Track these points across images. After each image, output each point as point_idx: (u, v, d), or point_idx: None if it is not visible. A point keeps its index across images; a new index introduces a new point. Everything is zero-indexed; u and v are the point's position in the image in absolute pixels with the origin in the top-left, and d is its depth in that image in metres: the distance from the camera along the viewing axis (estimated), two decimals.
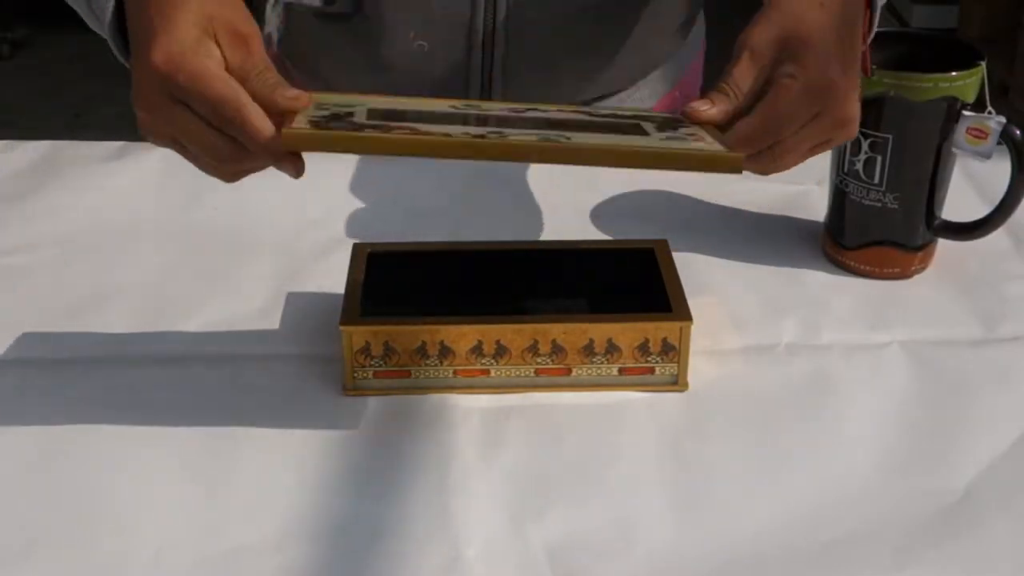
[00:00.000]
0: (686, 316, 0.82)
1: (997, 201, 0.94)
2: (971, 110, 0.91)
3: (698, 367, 0.85)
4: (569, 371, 0.83)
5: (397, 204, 1.06)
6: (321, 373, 0.85)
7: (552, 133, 0.68)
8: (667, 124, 0.76)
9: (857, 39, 0.78)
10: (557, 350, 0.82)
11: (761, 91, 0.76)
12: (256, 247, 0.99)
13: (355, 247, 0.89)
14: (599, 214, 1.03)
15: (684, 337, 0.82)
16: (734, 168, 0.67)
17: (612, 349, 0.82)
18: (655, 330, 0.82)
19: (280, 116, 0.68)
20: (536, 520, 0.73)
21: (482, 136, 0.64)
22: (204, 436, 0.79)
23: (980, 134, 0.91)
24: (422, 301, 0.87)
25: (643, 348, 0.82)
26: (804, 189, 1.08)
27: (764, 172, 0.77)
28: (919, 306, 0.94)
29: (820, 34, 0.75)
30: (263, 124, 0.66)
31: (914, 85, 0.90)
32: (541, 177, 1.09)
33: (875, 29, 0.82)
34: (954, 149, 0.92)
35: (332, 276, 0.95)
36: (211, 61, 0.67)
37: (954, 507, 0.74)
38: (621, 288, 0.89)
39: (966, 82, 0.91)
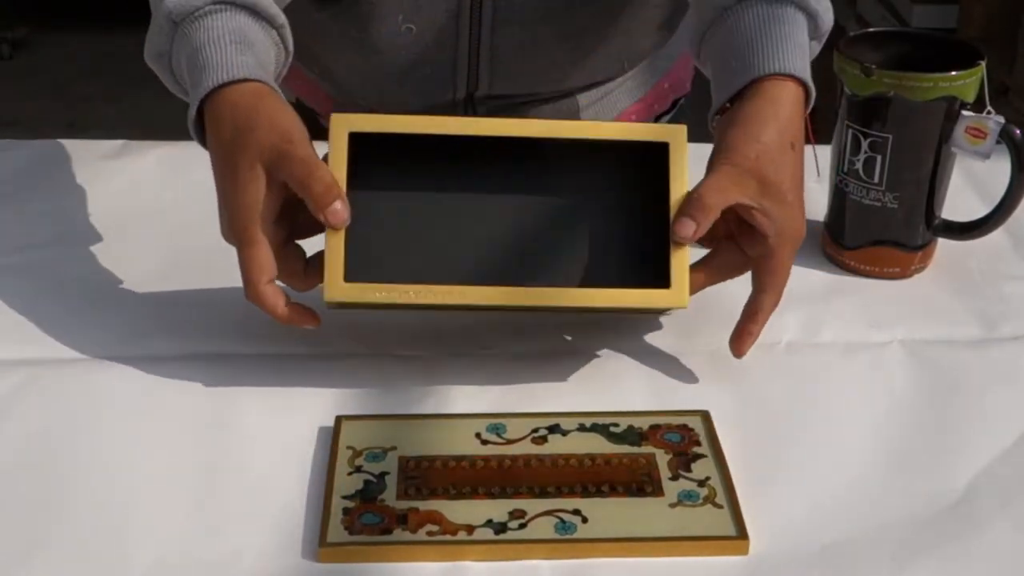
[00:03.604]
0: (682, 301, 0.81)
1: (997, 201, 0.94)
2: (971, 110, 0.91)
3: (697, 366, 0.86)
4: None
5: None
6: (322, 374, 0.84)
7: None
8: (680, 460, 0.76)
9: (803, 164, 0.86)
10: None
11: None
12: None
13: (335, 119, 0.82)
14: None
15: (681, 256, 0.81)
16: (740, 552, 0.70)
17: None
18: (652, 298, 0.81)
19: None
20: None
21: (503, 529, 0.71)
22: (204, 436, 0.79)
23: (979, 134, 0.91)
24: (410, 252, 0.83)
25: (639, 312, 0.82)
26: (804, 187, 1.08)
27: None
28: (919, 306, 0.94)
29: (793, 185, 0.84)
30: (277, 312, 0.80)
31: (914, 85, 0.90)
32: None
33: (812, 102, 0.89)
34: (953, 148, 0.92)
35: None
36: (262, 235, 0.79)
37: (954, 507, 0.74)
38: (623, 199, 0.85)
39: (966, 82, 0.91)
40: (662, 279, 0.81)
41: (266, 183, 0.79)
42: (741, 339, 0.85)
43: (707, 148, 0.85)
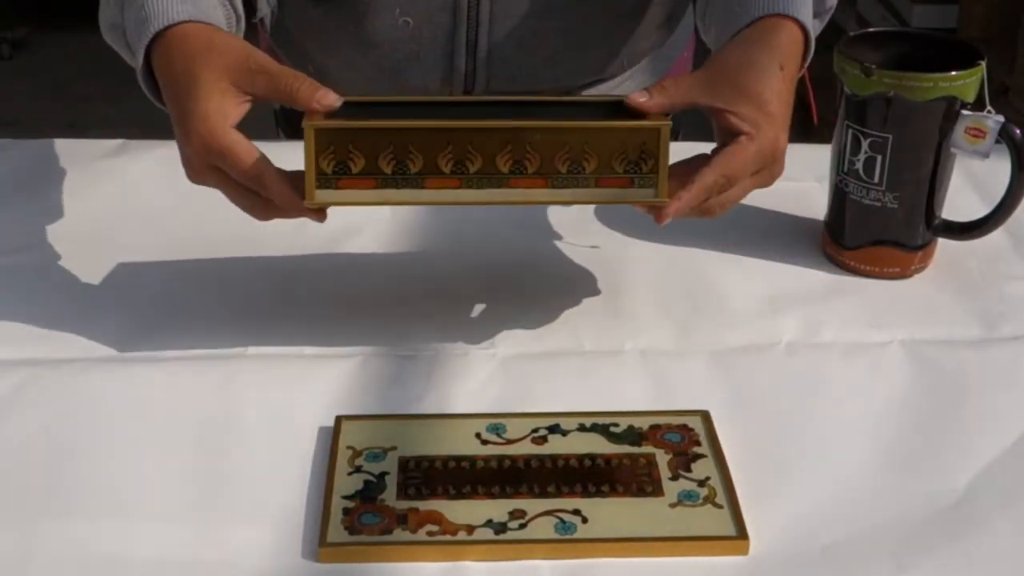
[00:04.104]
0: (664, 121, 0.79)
1: (997, 201, 0.94)
2: (971, 110, 0.91)
3: (697, 367, 0.86)
4: (545, 183, 0.79)
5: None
6: (322, 374, 0.84)
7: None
8: (680, 460, 0.76)
9: (793, 94, 0.84)
10: (533, 150, 0.78)
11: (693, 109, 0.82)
12: (257, 244, 0.99)
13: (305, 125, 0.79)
14: (599, 212, 1.03)
15: (663, 142, 0.78)
16: (740, 552, 0.70)
17: (587, 154, 0.78)
18: (632, 134, 0.78)
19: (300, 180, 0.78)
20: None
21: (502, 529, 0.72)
22: (204, 436, 0.79)
23: (978, 133, 0.91)
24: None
25: (620, 156, 0.78)
26: (805, 187, 1.08)
27: (707, 216, 0.83)
28: (919, 306, 0.93)
29: (776, 99, 0.82)
30: (282, 191, 0.78)
31: (914, 85, 0.90)
32: None
33: (810, 56, 0.88)
34: (952, 148, 0.92)
35: (335, 271, 0.95)
36: (236, 133, 0.79)
37: (954, 507, 0.74)
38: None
39: (966, 82, 0.91)
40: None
41: (233, 95, 0.80)
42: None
43: (701, 147, 0.84)
